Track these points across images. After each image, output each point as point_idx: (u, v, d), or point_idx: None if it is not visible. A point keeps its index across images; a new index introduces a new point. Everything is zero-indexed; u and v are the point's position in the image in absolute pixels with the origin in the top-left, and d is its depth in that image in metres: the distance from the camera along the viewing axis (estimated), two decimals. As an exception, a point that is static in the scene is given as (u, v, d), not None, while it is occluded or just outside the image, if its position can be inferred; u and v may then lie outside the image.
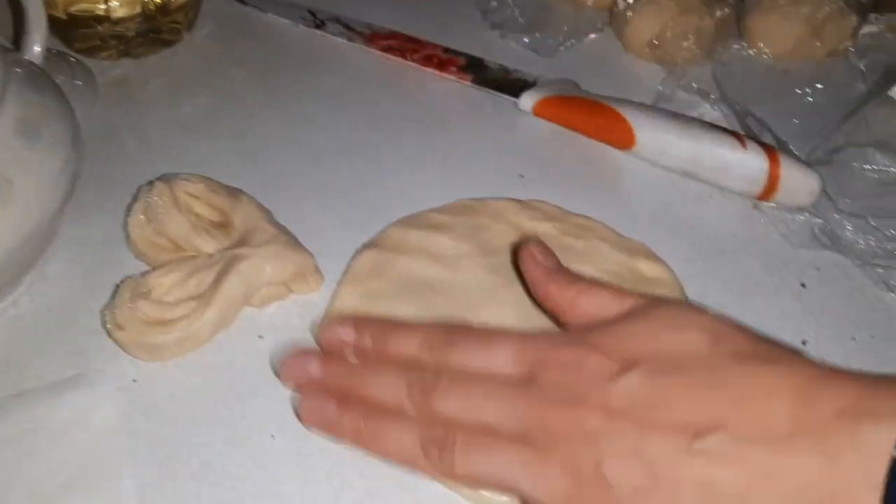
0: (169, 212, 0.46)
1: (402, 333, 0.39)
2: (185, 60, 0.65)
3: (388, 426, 0.36)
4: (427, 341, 0.38)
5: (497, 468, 0.34)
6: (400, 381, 0.37)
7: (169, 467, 0.39)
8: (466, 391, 0.36)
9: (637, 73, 0.66)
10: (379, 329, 0.39)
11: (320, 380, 0.38)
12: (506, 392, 0.35)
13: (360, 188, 0.54)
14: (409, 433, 0.36)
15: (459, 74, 0.63)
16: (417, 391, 0.36)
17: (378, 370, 0.38)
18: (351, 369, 0.38)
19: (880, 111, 0.60)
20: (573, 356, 0.35)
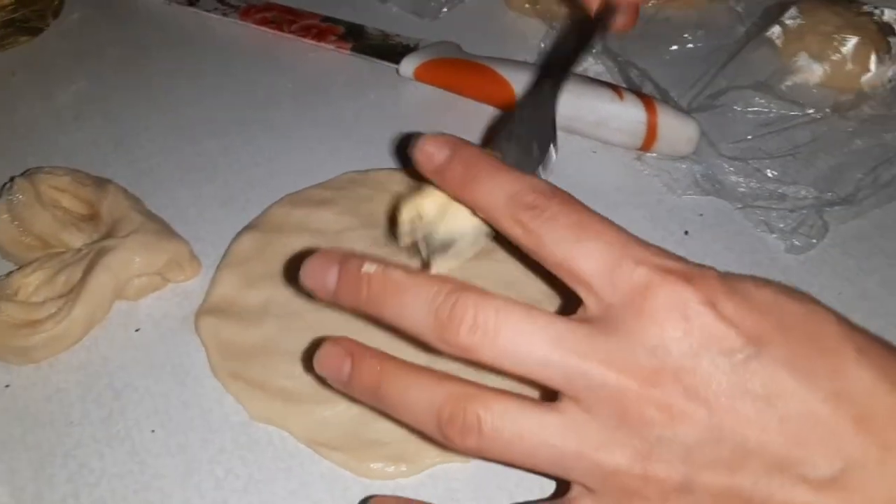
0: (32, 208, 0.44)
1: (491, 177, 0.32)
2: (54, 48, 0.62)
3: (402, 387, 0.31)
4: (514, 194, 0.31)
5: (541, 453, 0.29)
6: (426, 306, 0.30)
7: (45, 471, 0.38)
8: (521, 331, 0.29)
9: (521, 30, 0.65)
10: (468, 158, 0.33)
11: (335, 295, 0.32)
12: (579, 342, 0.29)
13: (239, 169, 0.53)
14: (425, 400, 0.30)
15: (338, 43, 0.62)
16: (450, 328, 0.29)
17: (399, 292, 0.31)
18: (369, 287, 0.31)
19: (759, 53, 0.60)
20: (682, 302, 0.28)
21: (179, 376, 0.42)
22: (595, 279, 0.30)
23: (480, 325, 0.29)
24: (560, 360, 0.29)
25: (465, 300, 0.29)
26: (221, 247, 0.47)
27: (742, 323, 0.28)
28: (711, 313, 0.28)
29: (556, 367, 0.29)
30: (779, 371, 0.27)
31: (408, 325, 0.31)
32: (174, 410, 0.40)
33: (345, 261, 0.32)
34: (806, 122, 0.56)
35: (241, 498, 0.37)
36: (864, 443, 0.27)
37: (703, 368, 0.28)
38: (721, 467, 0.28)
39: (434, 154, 0.34)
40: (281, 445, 0.39)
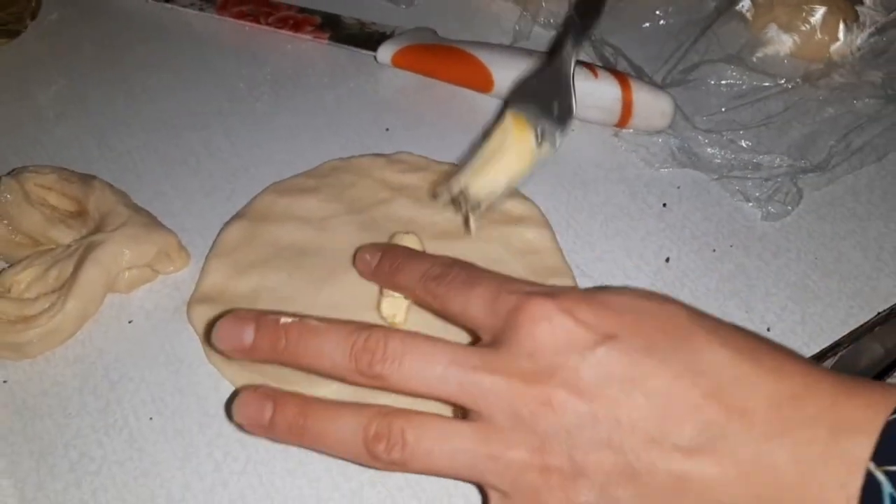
0: (20, 207, 0.45)
1: (410, 262, 0.39)
2: (33, 49, 0.63)
3: (328, 420, 0.34)
4: (425, 271, 0.38)
5: (456, 461, 0.32)
6: (342, 345, 0.34)
7: (47, 462, 0.39)
8: (424, 356, 0.33)
9: (494, 14, 0.66)
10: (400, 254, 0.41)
11: (252, 347, 0.35)
12: (470, 359, 0.33)
13: (222, 160, 0.53)
14: (349, 427, 0.33)
15: (316, 34, 0.62)
16: (364, 357, 0.33)
17: (317, 334, 0.34)
18: (287, 334, 0.35)
19: (729, 26, 0.61)
20: (545, 312, 0.33)
21: (174, 365, 0.42)
22: (482, 316, 0.35)
23: (389, 354, 0.33)
24: (455, 374, 0.32)
25: (376, 335, 0.34)
26: (209, 237, 0.48)
27: (598, 323, 0.32)
28: (570, 318, 0.32)
29: (452, 382, 0.32)
30: (637, 357, 0.31)
31: (326, 364, 0.34)
32: (170, 398, 0.41)
33: (261, 316, 0.35)
34: (778, 92, 0.57)
35: (240, 479, 0.38)
36: (721, 410, 0.30)
37: (572, 364, 0.31)
38: (604, 448, 0.31)
39: (369, 260, 0.42)
40: (277, 427, 0.40)
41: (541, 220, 0.49)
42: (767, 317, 0.45)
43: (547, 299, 0.33)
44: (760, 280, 0.47)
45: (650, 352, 0.31)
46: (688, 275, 0.47)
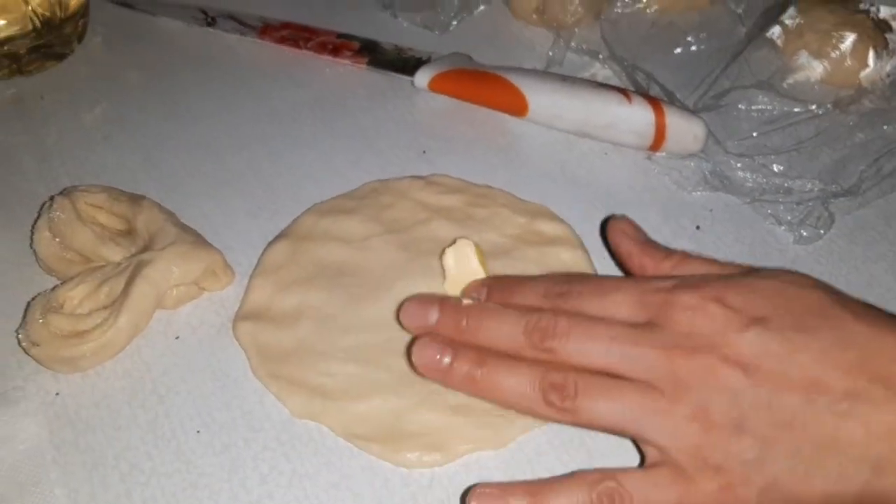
0: (72, 225, 0.47)
1: (523, 286, 0.41)
2: (80, 71, 0.64)
3: (504, 371, 0.37)
4: (545, 291, 0.39)
5: (622, 413, 0.36)
6: (517, 324, 0.38)
7: (98, 473, 0.40)
8: (589, 333, 0.37)
9: (528, 39, 0.67)
10: (507, 283, 0.42)
11: (436, 326, 0.40)
12: (630, 335, 0.36)
13: (265, 181, 0.55)
14: (527, 378, 0.37)
15: (354, 58, 0.64)
16: (536, 334, 0.37)
17: (495, 315, 0.39)
18: (468, 315, 0.39)
19: (760, 52, 0.62)
20: (696, 302, 0.36)
21: (220, 379, 0.44)
22: (630, 316, 0.37)
23: (559, 331, 0.37)
24: (618, 347, 0.36)
25: (547, 315, 0.37)
26: (252, 256, 0.49)
27: (748, 307, 0.35)
28: (721, 305, 0.36)
29: (615, 353, 0.36)
30: (789, 334, 0.34)
31: (502, 340, 0.38)
32: (217, 412, 0.42)
33: (444, 299, 0.40)
34: (808, 117, 0.58)
35: (286, 492, 0.39)
36: (867, 378, 0.33)
37: (731, 342, 0.35)
38: (763, 408, 0.34)
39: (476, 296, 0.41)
40: (321, 441, 0.41)
41: (575, 241, 0.50)
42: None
43: (695, 290, 0.36)
44: (793, 302, 0.47)
45: (800, 329, 0.34)
46: (721, 297, 0.47)
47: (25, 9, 0.60)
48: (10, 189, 0.55)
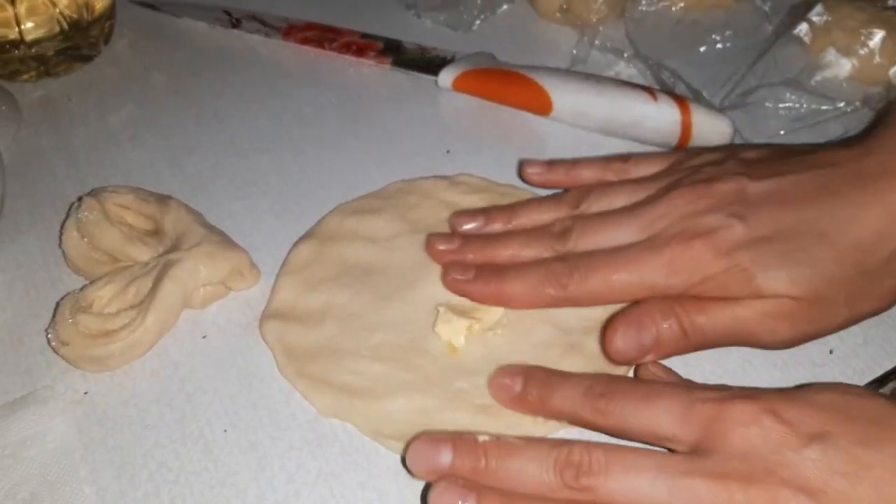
0: (101, 225, 0.47)
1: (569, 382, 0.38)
2: (106, 73, 0.65)
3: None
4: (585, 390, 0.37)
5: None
6: (546, 462, 0.34)
7: (127, 471, 0.40)
8: (630, 466, 0.33)
9: (552, 38, 0.67)
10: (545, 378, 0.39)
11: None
12: (679, 465, 0.33)
13: (290, 181, 0.55)
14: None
15: (378, 59, 0.64)
16: (569, 472, 0.34)
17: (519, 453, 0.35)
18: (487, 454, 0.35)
19: (787, 50, 0.62)
20: (752, 417, 0.33)
21: (246, 378, 0.44)
22: (674, 429, 0.34)
23: (595, 467, 0.33)
24: (665, 481, 0.32)
25: (578, 448, 0.34)
26: (278, 255, 0.50)
27: (808, 422, 0.32)
28: (778, 419, 0.33)
29: (663, 490, 0.32)
30: (856, 450, 0.31)
31: (530, 483, 0.34)
32: (244, 411, 0.42)
33: (458, 439, 0.36)
34: (837, 115, 0.57)
35: (311, 490, 0.39)
36: None
37: (791, 463, 0.32)
38: None
39: (510, 384, 0.40)
40: (347, 440, 0.41)
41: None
42: (830, 339, 0.45)
43: (749, 402, 0.33)
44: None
45: (867, 444, 0.32)
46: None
47: (53, 11, 0.61)
48: (39, 189, 0.55)
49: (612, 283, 0.41)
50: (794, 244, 0.38)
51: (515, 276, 0.43)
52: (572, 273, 0.41)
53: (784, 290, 0.38)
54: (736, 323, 0.39)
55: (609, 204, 0.44)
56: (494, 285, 0.43)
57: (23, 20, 0.60)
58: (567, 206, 0.45)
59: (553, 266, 0.42)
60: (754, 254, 0.39)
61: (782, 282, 0.38)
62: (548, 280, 0.42)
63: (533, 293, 0.42)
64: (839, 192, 0.40)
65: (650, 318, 0.39)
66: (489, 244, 0.46)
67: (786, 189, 0.40)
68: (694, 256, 0.39)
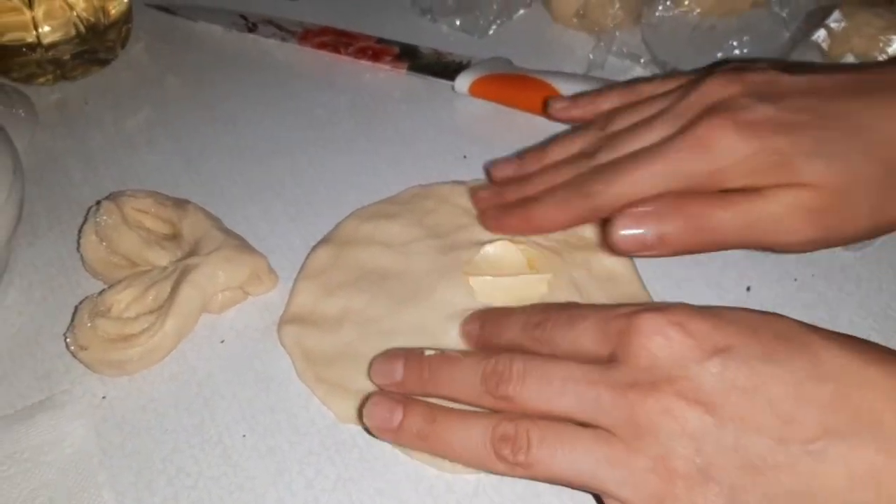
0: (119, 229, 0.47)
1: (507, 319, 0.40)
2: (123, 77, 0.65)
3: (455, 426, 0.36)
4: (524, 323, 0.38)
5: (578, 466, 0.33)
6: (475, 372, 0.36)
7: (145, 476, 0.40)
8: (544, 375, 0.35)
9: (568, 43, 0.67)
10: (494, 316, 0.41)
11: (402, 381, 0.39)
12: (587, 374, 0.34)
13: (307, 186, 0.55)
14: (478, 431, 0.35)
15: (394, 63, 0.64)
16: (492, 380, 0.35)
17: (453, 364, 0.37)
18: (429, 366, 0.38)
19: (805, 56, 0.61)
20: (656, 326, 0.33)
21: (265, 383, 0.44)
22: (594, 346, 0.35)
23: (514, 375, 0.35)
24: (573, 389, 0.34)
25: (503, 359, 0.36)
26: (294, 260, 0.49)
27: (712, 335, 0.33)
28: (683, 331, 0.33)
29: (570, 396, 0.34)
30: (756, 364, 0.31)
31: (461, 390, 0.37)
32: (262, 416, 0.42)
33: (409, 352, 0.39)
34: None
35: (330, 497, 0.39)
36: (848, 415, 0.30)
37: (691, 374, 0.32)
38: (729, 451, 0.31)
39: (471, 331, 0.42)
40: (366, 447, 0.41)
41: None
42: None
43: (657, 314, 0.34)
44: (843, 310, 0.46)
45: (769, 359, 0.31)
46: (769, 304, 0.47)
47: (70, 15, 0.61)
48: (56, 193, 0.55)
49: (637, 178, 0.40)
50: (829, 133, 0.38)
51: (544, 199, 0.44)
52: (596, 179, 0.40)
53: (820, 178, 0.37)
54: (759, 219, 0.38)
55: (638, 116, 0.44)
56: (524, 211, 0.44)
57: (40, 23, 0.60)
58: (596, 130, 0.45)
59: (578, 178, 0.42)
60: (791, 137, 0.38)
61: (820, 168, 0.37)
62: (574, 191, 0.42)
63: (560, 209, 0.43)
64: (872, 92, 0.39)
65: (653, 211, 0.39)
66: (525, 182, 0.46)
67: (819, 83, 0.40)
68: (723, 135, 0.38)
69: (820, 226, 0.39)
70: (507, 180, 0.49)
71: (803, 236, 0.40)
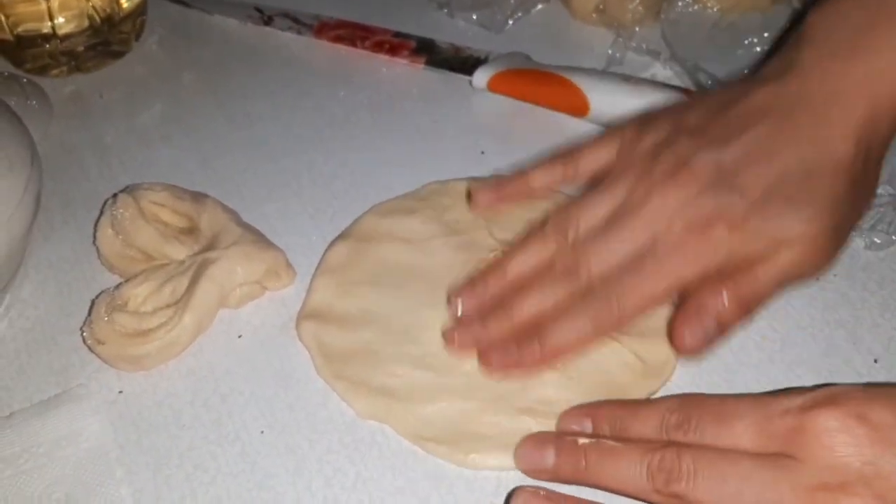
0: (136, 223, 0.47)
1: (640, 414, 0.38)
2: (137, 70, 0.65)
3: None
4: (661, 422, 0.37)
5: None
6: (640, 467, 0.35)
7: (162, 473, 0.40)
8: (718, 474, 0.33)
9: (587, 39, 0.66)
10: (615, 413, 0.39)
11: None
12: (766, 477, 0.32)
13: (323, 182, 0.55)
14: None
15: (412, 58, 0.63)
16: (661, 477, 0.34)
17: (616, 457, 0.36)
18: (587, 457, 0.37)
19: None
20: (837, 424, 0.32)
21: (283, 379, 0.43)
22: (758, 447, 0.34)
23: (683, 472, 0.34)
24: (752, 489, 0.32)
25: (670, 454, 0.34)
26: (312, 256, 0.49)
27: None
28: (867, 424, 0.31)
29: (749, 498, 0.32)
30: None
31: (625, 486, 0.35)
32: (280, 412, 0.42)
33: (560, 439, 0.38)
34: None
35: (350, 495, 0.39)
36: None
37: (886, 473, 0.31)
38: None
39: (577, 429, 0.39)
40: (385, 444, 0.40)
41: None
42: (874, 348, 0.44)
43: (833, 409, 0.32)
44: (866, 310, 0.46)
45: None
46: (792, 304, 0.46)
47: (86, 6, 0.61)
48: (71, 186, 0.55)
49: (650, 292, 0.40)
50: (788, 191, 0.39)
51: (556, 331, 0.41)
52: (610, 302, 0.40)
53: (801, 230, 0.39)
54: (778, 274, 0.39)
55: (594, 217, 0.42)
56: (540, 350, 0.41)
57: (55, 14, 0.60)
58: (554, 240, 0.43)
59: (588, 304, 0.41)
60: (760, 214, 0.39)
61: (794, 226, 0.39)
62: (590, 319, 0.40)
63: (580, 338, 0.41)
64: (800, 128, 0.41)
65: (704, 305, 0.39)
66: (507, 310, 0.43)
67: (754, 146, 0.41)
68: (713, 241, 0.39)
69: (829, 251, 0.40)
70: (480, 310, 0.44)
71: (822, 265, 0.41)
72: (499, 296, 0.43)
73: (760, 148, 0.41)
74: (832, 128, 0.40)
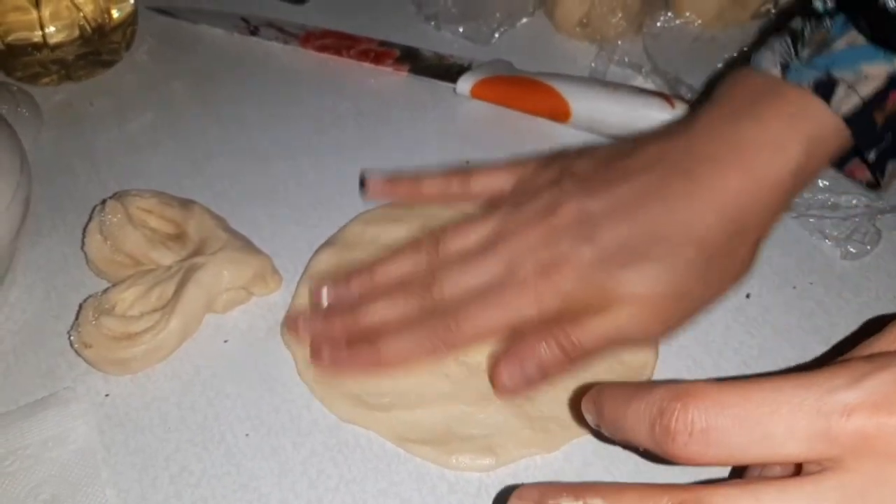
0: (124, 228, 0.47)
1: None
2: (127, 79, 0.65)
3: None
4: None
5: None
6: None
7: (148, 474, 0.41)
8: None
9: (570, 52, 0.67)
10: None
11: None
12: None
13: (309, 189, 0.55)
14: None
15: (396, 66, 0.64)
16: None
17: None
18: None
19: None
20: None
21: (268, 383, 0.44)
22: (809, 455, 0.27)
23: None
24: None
25: (692, 494, 0.27)
26: (298, 262, 0.50)
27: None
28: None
29: None
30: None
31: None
32: (265, 415, 0.43)
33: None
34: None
35: (334, 496, 0.39)
36: None
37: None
38: None
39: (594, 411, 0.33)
40: (368, 447, 0.41)
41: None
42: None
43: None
44: (842, 317, 0.47)
45: None
46: (769, 311, 0.47)
47: (77, 15, 0.61)
48: (61, 192, 0.55)
49: (486, 323, 0.41)
50: (638, 251, 0.40)
51: (392, 340, 0.42)
52: (447, 324, 0.41)
53: (639, 291, 0.39)
54: (609, 329, 0.40)
55: (464, 241, 0.44)
56: (372, 355, 0.42)
57: (46, 23, 0.60)
58: (426, 254, 0.45)
59: (427, 321, 0.42)
60: (606, 268, 0.40)
61: (635, 284, 0.39)
62: (425, 336, 0.42)
63: (413, 352, 0.42)
64: (670, 188, 0.41)
65: (528, 348, 0.40)
66: (355, 312, 0.44)
67: (621, 201, 0.42)
68: (556, 285, 0.41)
69: (662, 321, 0.41)
70: (333, 306, 0.46)
71: (652, 332, 0.41)
72: (362, 296, 0.45)
73: (627, 203, 0.41)
74: (702, 194, 0.41)
